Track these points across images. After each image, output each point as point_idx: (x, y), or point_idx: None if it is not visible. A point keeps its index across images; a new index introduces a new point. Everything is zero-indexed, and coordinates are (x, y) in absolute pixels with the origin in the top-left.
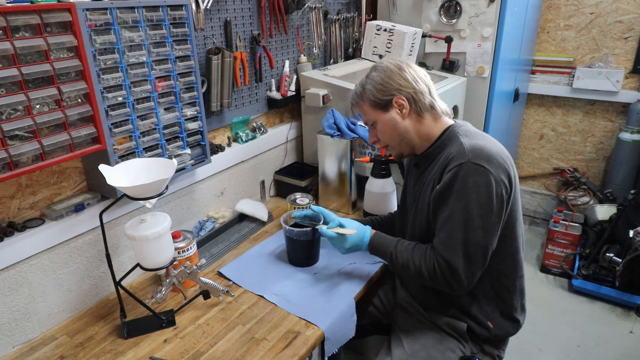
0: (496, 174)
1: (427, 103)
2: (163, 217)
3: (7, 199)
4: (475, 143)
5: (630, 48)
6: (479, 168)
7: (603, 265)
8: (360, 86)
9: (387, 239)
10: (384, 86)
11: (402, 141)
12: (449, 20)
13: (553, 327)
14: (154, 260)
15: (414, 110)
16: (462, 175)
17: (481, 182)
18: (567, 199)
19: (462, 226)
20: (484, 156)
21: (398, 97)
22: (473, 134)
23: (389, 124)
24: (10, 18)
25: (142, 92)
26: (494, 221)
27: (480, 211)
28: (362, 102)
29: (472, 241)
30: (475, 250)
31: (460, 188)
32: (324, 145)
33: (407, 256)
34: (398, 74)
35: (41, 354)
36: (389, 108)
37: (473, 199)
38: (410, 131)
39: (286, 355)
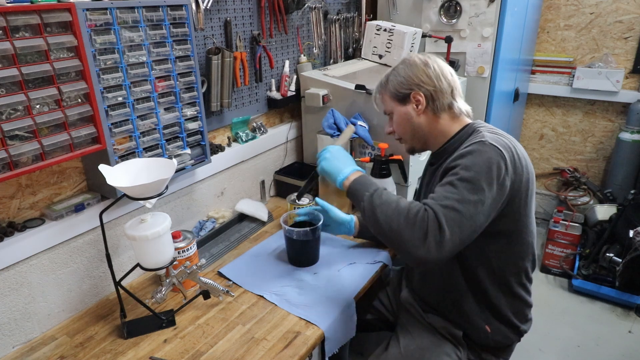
0: (509, 161)
1: (445, 103)
2: (163, 217)
3: (7, 199)
4: (495, 137)
5: (630, 48)
6: (496, 148)
7: (603, 265)
8: (385, 77)
9: (371, 181)
10: (406, 80)
11: (414, 136)
12: (449, 20)
13: (553, 327)
14: (154, 260)
15: (430, 108)
16: (479, 150)
17: (494, 161)
18: (567, 199)
19: (464, 193)
20: (502, 144)
21: (416, 92)
22: (495, 130)
23: (404, 117)
24: (10, 18)
25: (142, 92)
26: (490, 205)
27: (486, 187)
28: (384, 92)
29: (465, 211)
30: (467, 222)
31: (474, 159)
32: (324, 145)
33: (389, 201)
34: (422, 70)
35: (41, 354)
36: (406, 102)
37: (482, 172)
38: (423, 128)
39: (286, 355)
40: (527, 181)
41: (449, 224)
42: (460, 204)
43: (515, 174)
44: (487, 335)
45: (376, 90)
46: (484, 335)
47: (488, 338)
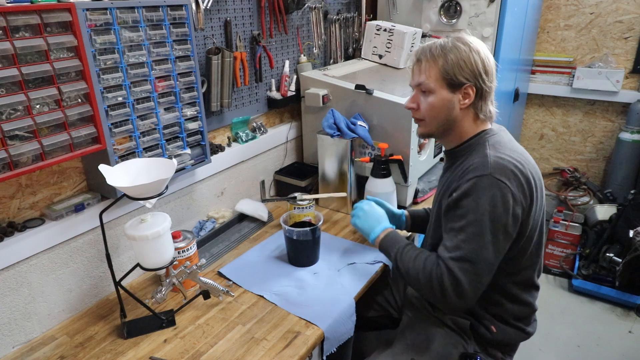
0: (516, 191)
1: (488, 103)
2: (163, 217)
3: (7, 199)
4: (500, 156)
5: (630, 48)
6: (499, 183)
7: (603, 265)
8: (440, 47)
9: (397, 238)
10: (467, 66)
11: (442, 125)
12: (449, 20)
13: (553, 327)
14: (154, 260)
15: (473, 106)
16: (481, 187)
17: (499, 198)
18: (567, 199)
19: (474, 239)
20: (506, 171)
21: (471, 85)
22: (502, 145)
23: (444, 104)
24: (10, 18)
25: (142, 92)
26: (504, 238)
27: (493, 227)
28: (434, 63)
29: (481, 255)
30: (482, 267)
31: (478, 199)
32: (324, 145)
33: (411, 258)
34: (485, 60)
35: (41, 354)
36: (455, 90)
37: (488, 213)
38: (457, 122)
39: (286, 355)
40: (539, 197)
41: (466, 276)
42: (472, 252)
43: (525, 197)
44: (492, 334)
45: (421, 54)
46: (489, 334)
47: (493, 337)
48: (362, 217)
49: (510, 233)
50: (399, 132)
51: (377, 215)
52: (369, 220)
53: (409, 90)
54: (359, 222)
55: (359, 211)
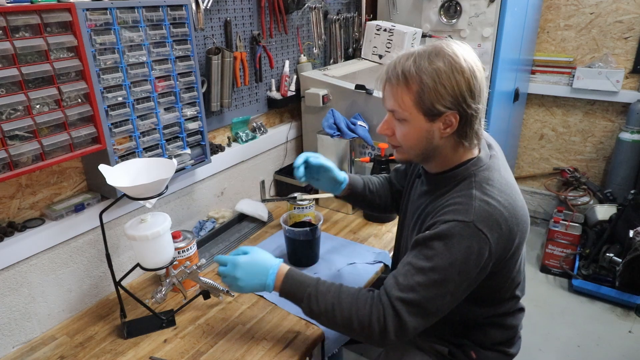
0: (495, 245)
1: (475, 128)
2: (163, 217)
3: (7, 199)
4: (487, 201)
5: (630, 48)
6: (479, 234)
7: (603, 265)
8: (414, 68)
9: (303, 277)
10: (447, 92)
11: (421, 154)
12: (449, 20)
13: (553, 327)
14: (154, 260)
15: (458, 132)
16: (459, 235)
17: (475, 250)
18: (567, 199)
19: (434, 286)
20: (490, 221)
21: (453, 113)
22: (492, 182)
23: (422, 134)
24: (10, 18)
25: (142, 92)
26: (465, 290)
27: (459, 278)
28: (407, 89)
29: (435, 303)
30: (433, 314)
31: (452, 247)
32: (324, 145)
33: (332, 299)
34: (468, 82)
35: (41, 354)
36: (435, 119)
37: (458, 265)
38: (438, 150)
39: (286, 355)
40: (518, 244)
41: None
42: (427, 300)
43: (504, 249)
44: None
45: (392, 75)
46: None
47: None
48: (243, 277)
49: (473, 284)
50: None
51: (258, 260)
52: (253, 272)
53: None
54: (243, 284)
55: (236, 271)
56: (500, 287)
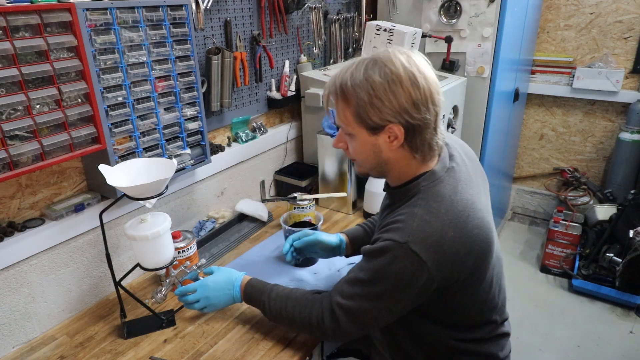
0: (433, 268)
1: (426, 139)
2: (163, 217)
3: (7, 199)
4: (427, 220)
5: (630, 48)
6: (413, 256)
7: (603, 265)
8: (350, 82)
9: (261, 284)
10: (384, 105)
11: (375, 168)
12: (449, 20)
13: (553, 327)
14: (154, 260)
15: (407, 144)
16: (392, 256)
17: (408, 272)
18: (567, 199)
19: (369, 299)
20: (427, 243)
21: (396, 125)
22: (440, 198)
23: (370, 148)
24: (10, 18)
25: (142, 92)
26: (404, 307)
27: (395, 295)
28: (346, 104)
29: (372, 315)
30: (370, 322)
31: (385, 266)
32: (324, 145)
33: (280, 304)
34: (408, 92)
35: (41, 354)
36: (378, 132)
37: (392, 283)
38: (392, 163)
39: (286, 355)
40: (473, 266)
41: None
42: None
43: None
44: None
45: (331, 90)
46: None
47: None
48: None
49: (413, 302)
50: None
51: (223, 276)
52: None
53: None
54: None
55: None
56: (466, 311)
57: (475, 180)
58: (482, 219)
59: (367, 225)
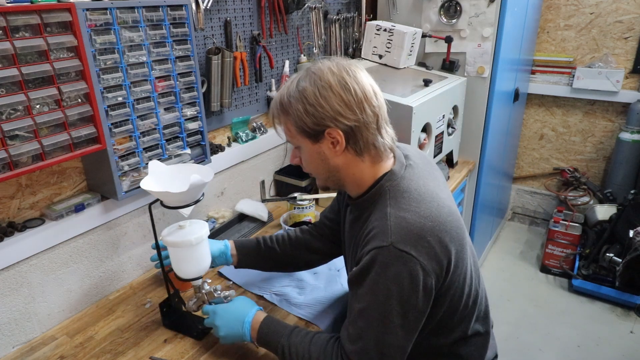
0: (426, 261)
1: (369, 140)
2: (200, 224)
3: (7, 199)
4: (403, 216)
5: (630, 48)
6: (403, 255)
7: (603, 265)
8: (286, 96)
9: (278, 326)
10: (317, 111)
11: (329, 177)
12: (449, 20)
13: (553, 327)
14: (194, 269)
15: (351, 147)
16: (382, 263)
17: (405, 274)
18: (567, 199)
19: (378, 325)
20: (411, 237)
21: (333, 129)
22: (407, 194)
23: (316, 156)
24: (10, 18)
25: (142, 92)
26: (416, 318)
27: (401, 308)
28: (287, 117)
29: (388, 343)
30: (392, 354)
31: (379, 278)
32: None
33: (303, 351)
34: (339, 95)
35: (41, 354)
36: (320, 139)
37: (393, 294)
38: (342, 169)
39: None
40: (456, 253)
41: None
42: (377, 343)
43: (439, 263)
44: None
45: (273, 112)
46: None
47: None
48: (222, 326)
49: (423, 311)
50: (399, 132)
51: (234, 309)
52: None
53: (409, 90)
54: (224, 334)
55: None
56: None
57: (433, 173)
58: (450, 207)
59: (265, 240)
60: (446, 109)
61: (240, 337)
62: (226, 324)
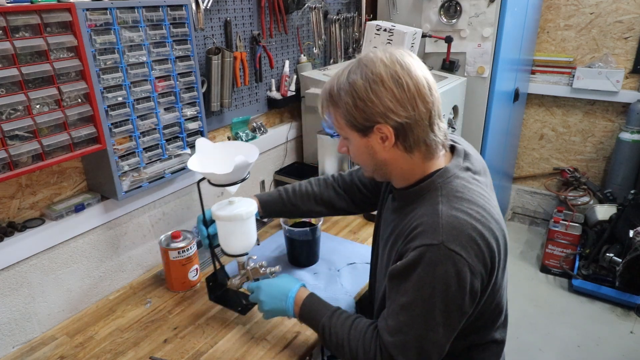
0: (475, 263)
1: (420, 137)
2: (249, 201)
3: (7, 199)
4: (455, 215)
5: (630, 48)
6: (453, 255)
7: (603, 265)
8: (336, 87)
9: (320, 305)
10: (367, 106)
11: (376, 170)
12: (449, 20)
13: (553, 327)
14: (241, 245)
15: (401, 144)
16: (431, 261)
17: (453, 274)
18: (567, 199)
19: (420, 322)
20: (463, 238)
21: (383, 125)
22: (460, 193)
23: (364, 150)
24: (10, 18)
25: (142, 92)
26: (459, 318)
27: (445, 307)
28: (336, 109)
29: (428, 339)
30: (430, 350)
31: (426, 276)
32: (324, 145)
33: (342, 334)
34: (391, 91)
35: (41, 354)
36: (369, 134)
37: (439, 293)
38: (389, 164)
39: (286, 355)
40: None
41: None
42: (418, 338)
43: (485, 266)
44: None
45: (323, 99)
46: None
47: None
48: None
49: (466, 311)
50: None
51: (278, 283)
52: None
53: None
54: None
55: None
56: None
57: (487, 180)
58: (499, 215)
59: (286, 191)
60: (446, 109)
61: (283, 312)
62: (270, 299)
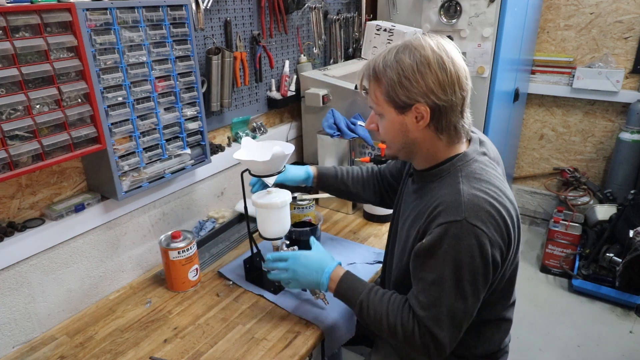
0: (494, 236)
1: (452, 121)
2: (285, 192)
3: (7, 199)
4: (475, 194)
5: (630, 48)
6: (475, 230)
7: (603, 265)
8: (382, 64)
9: (357, 282)
10: (411, 84)
11: (404, 148)
12: (449, 20)
13: (553, 327)
14: (277, 229)
15: (433, 125)
16: (455, 236)
17: (475, 246)
18: (567, 199)
19: (450, 294)
20: (482, 214)
21: (422, 105)
22: (480, 177)
23: (397, 127)
24: (10, 18)
25: (142, 92)
26: (483, 286)
27: (472, 278)
28: (378, 84)
29: (458, 309)
30: (461, 318)
31: (452, 250)
32: (324, 145)
33: (380, 310)
34: (435, 74)
35: (41, 354)
36: (406, 112)
37: (466, 265)
38: (419, 144)
39: (286, 355)
40: (516, 234)
41: (446, 333)
42: (451, 309)
43: (502, 239)
44: None
45: (365, 72)
46: None
47: None
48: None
49: (489, 279)
50: None
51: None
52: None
53: None
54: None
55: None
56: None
57: (499, 167)
58: (512, 195)
59: (342, 170)
60: None
61: (316, 285)
62: (306, 270)
